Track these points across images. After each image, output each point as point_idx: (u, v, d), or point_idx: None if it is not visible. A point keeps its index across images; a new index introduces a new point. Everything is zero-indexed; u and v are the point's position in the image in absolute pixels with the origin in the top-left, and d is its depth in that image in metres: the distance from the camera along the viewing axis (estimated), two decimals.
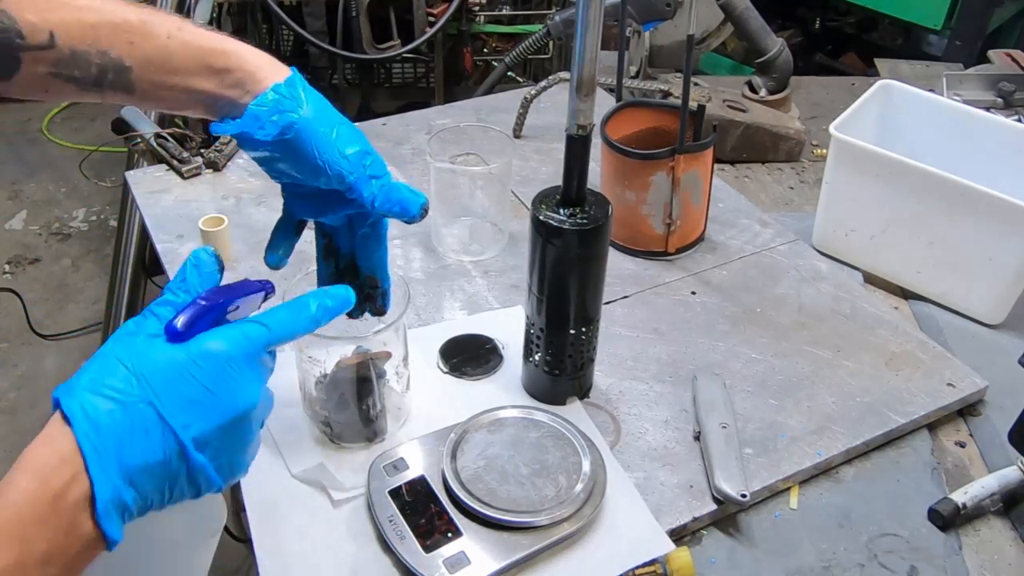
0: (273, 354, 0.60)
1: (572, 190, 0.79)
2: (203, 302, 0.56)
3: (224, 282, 0.61)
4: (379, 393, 0.82)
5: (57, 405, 0.51)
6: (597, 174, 1.12)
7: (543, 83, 1.32)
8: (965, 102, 1.23)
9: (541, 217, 0.79)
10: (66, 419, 0.50)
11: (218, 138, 1.28)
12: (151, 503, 0.53)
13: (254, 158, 0.68)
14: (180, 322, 0.54)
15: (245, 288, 0.61)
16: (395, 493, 0.76)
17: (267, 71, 0.65)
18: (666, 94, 1.36)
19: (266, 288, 0.63)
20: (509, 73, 1.92)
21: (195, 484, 0.54)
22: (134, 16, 0.64)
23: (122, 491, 0.50)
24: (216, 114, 0.67)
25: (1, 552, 0.47)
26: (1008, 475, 0.82)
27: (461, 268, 1.09)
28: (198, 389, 0.53)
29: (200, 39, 0.65)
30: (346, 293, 0.63)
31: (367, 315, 0.79)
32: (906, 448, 0.89)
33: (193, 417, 0.52)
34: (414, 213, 0.66)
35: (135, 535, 0.55)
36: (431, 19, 2.23)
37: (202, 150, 1.26)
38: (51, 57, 0.62)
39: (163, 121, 2.24)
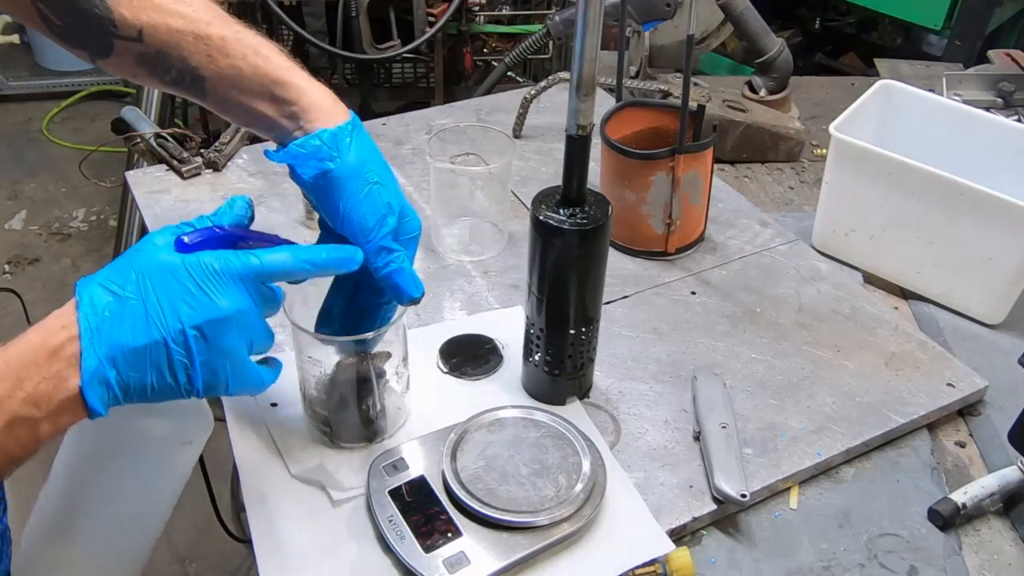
0: (275, 291, 0.67)
1: (572, 190, 0.79)
2: (217, 230, 0.65)
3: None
4: (379, 393, 0.82)
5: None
6: (597, 174, 1.12)
7: (543, 83, 1.32)
8: (965, 102, 1.23)
9: (541, 217, 0.79)
10: (77, 302, 0.59)
11: (218, 138, 1.28)
12: (132, 387, 0.60)
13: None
14: (188, 238, 0.63)
15: (264, 236, 0.68)
16: (395, 493, 0.76)
17: (323, 112, 0.70)
18: (666, 94, 1.36)
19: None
20: (509, 73, 1.92)
21: (175, 376, 0.60)
22: (216, 32, 0.70)
23: (105, 367, 0.58)
24: (274, 137, 0.73)
25: None
26: (1008, 475, 0.82)
27: (461, 268, 1.09)
28: (183, 290, 0.60)
29: (271, 66, 0.70)
30: (352, 253, 0.68)
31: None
32: (906, 448, 0.89)
33: (175, 313, 0.60)
34: (403, 301, 0.73)
35: (117, 425, 0.63)
36: (431, 19, 2.23)
37: (202, 150, 1.26)
38: (138, 50, 0.70)
39: (163, 121, 2.25)
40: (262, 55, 0.70)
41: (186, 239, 0.63)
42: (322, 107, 0.70)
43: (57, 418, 0.58)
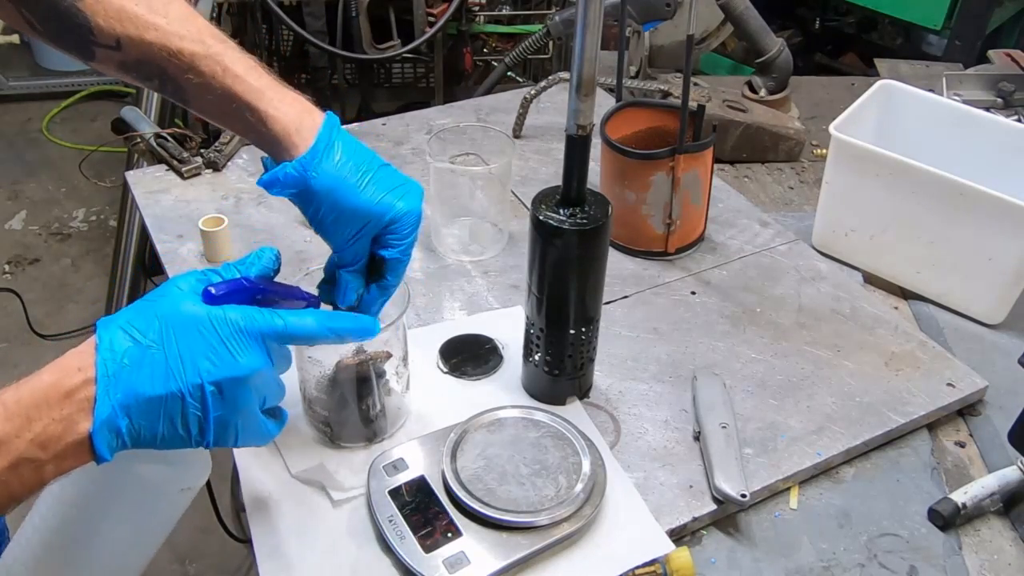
0: (288, 353, 0.67)
1: (572, 190, 0.79)
2: (244, 282, 0.65)
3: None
4: (379, 393, 0.82)
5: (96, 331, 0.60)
6: (597, 174, 1.12)
7: (543, 83, 1.32)
8: (965, 102, 1.23)
9: (541, 217, 0.79)
10: (97, 344, 0.59)
11: (218, 138, 1.28)
12: (142, 435, 0.59)
13: None
14: (215, 289, 0.63)
15: (289, 290, 0.69)
16: (395, 493, 0.76)
17: (290, 138, 0.69)
18: (666, 94, 1.36)
19: (310, 301, 0.70)
20: (509, 73, 1.92)
21: (187, 429, 0.60)
22: (187, 48, 0.69)
23: (118, 415, 0.57)
24: (258, 146, 0.72)
25: (5, 422, 0.55)
26: (1008, 475, 0.82)
27: (461, 268, 1.09)
28: (206, 345, 0.60)
29: (240, 88, 0.69)
30: (371, 325, 0.69)
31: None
32: (906, 448, 0.89)
33: (196, 367, 0.59)
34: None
35: (115, 468, 0.62)
36: (431, 19, 2.23)
37: (202, 150, 1.26)
38: (118, 58, 0.69)
39: (163, 121, 2.25)
40: (231, 74, 0.69)
41: (213, 290, 0.62)
42: (289, 132, 0.69)
43: (62, 461, 0.58)
